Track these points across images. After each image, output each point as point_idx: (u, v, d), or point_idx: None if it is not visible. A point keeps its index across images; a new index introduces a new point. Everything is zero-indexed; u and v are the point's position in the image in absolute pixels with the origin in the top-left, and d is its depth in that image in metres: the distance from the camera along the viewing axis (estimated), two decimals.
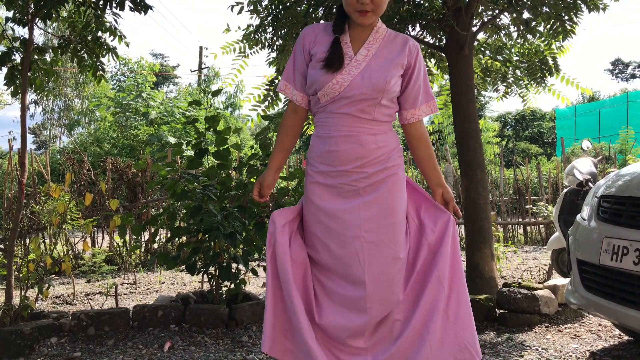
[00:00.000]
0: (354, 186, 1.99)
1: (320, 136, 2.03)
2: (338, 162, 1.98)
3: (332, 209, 2.00)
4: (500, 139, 18.95)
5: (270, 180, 2.17)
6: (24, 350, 2.96)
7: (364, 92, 1.94)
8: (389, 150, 2.02)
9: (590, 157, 5.21)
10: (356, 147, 1.96)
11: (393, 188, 2.01)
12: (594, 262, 2.53)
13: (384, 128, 2.03)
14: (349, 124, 1.97)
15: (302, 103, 2.09)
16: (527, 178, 9.58)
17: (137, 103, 15.20)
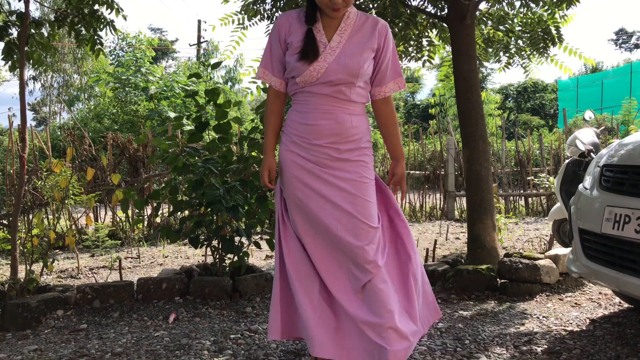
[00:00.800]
0: (326, 161, 2.10)
1: (299, 111, 2.16)
2: (314, 136, 2.10)
3: (304, 179, 2.11)
4: (502, 111, 18.86)
5: (274, 163, 2.27)
6: (31, 323, 3.00)
7: (340, 77, 2.06)
8: (361, 132, 2.15)
9: (593, 128, 5.17)
10: (332, 123, 2.09)
11: (363, 169, 2.13)
12: (596, 231, 2.53)
13: (359, 110, 2.17)
14: (327, 102, 2.10)
15: (281, 88, 2.22)
16: (529, 150, 9.57)
17: (136, 78, 15.09)
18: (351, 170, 2.10)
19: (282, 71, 2.19)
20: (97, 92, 19.50)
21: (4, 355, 2.57)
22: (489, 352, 2.53)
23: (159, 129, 4.41)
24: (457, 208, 8.81)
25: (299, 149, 2.12)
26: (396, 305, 2.06)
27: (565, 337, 2.74)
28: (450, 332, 2.82)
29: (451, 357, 2.47)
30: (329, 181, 2.09)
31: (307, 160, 2.11)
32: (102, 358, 2.50)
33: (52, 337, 2.84)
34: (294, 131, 2.15)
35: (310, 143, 2.10)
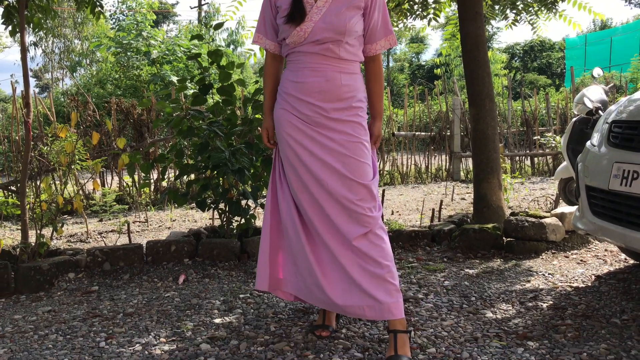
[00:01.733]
0: (317, 120, 2.11)
1: (291, 69, 2.19)
2: (304, 93, 2.12)
3: (297, 137, 2.13)
4: (508, 71, 18.61)
5: (270, 123, 2.29)
6: (43, 285, 3.05)
7: (326, 35, 2.07)
8: (353, 90, 2.13)
9: (601, 85, 5.10)
10: (322, 80, 2.10)
11: (358, 128, 2.13)
12: (603, 187, 2.53)
13: (351, 68, 2.15)
14: (316, 60, 2.12)
15: (276, 50, 2.26)
16: (535, 110, 9.48)
17: (137, 42, 14.91)
18: (342, 130, 2.10)
19: (275, 34, 2.24)
20: (99, 57, 19.32)
21: (20, 316, 2.62)
22: (495, 308, 2.57)
23: (162, 92, 4.38)
24: (462, 169, 8.79)
25: (291, 108, 2.15)
26: (392, 260, 2.07)
27: (571, 293, 2.77)
28: (456, 290, 2.85)
29: (457, 314, 2.50)
30: (319, 141, 2.10)
31: (299, 119, 2.13)
32: (115, 318, 2.55)
33: (64, 298, 2.90)
34: (286, 89, 2.18)
35: (301, 100, 2.12)
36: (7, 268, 3.03)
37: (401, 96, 22.29)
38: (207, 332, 2.33)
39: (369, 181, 2.10)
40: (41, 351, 2.18)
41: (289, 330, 2.32)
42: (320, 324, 2.28)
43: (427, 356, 2.03)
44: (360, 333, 2.27)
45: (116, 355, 2.11)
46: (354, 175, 2.08)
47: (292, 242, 2.17)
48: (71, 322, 2.51)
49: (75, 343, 2.25)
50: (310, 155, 2.11)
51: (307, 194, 2.12)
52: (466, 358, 2.00)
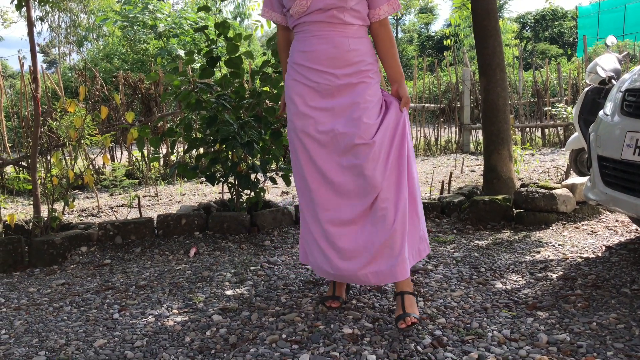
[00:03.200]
0: (328, 86, 2.11)
1: (298, 39, 2.18)
2: (313, 62, 2.12)
3: (308, 105, 2.14)
4: (519, 41, 18.30)
5: None
6: (56, 259, 3.09)
7: (328, 2, 2.06)
8: (361, 54, 2.13)
9: (615, 54, 5.00)
10: (329, 47, 2.10)
11: (365, 92, 2.12)
12: (616, 157, 2.50)
13: (358, 32, 2.14)
14: (323, 27, 2.11)
15: (283, 22, 2.28)
16: (546, 80, 9.35)
17: (144, 16, 14.78)
18: (352, 93, 2.10)
19: (281, 6, 2.24)
20: (105, 32, 19.21)
21: (34, 289, 2.66)
22: (505, 279, 2.57)
23: (169, 66, 4.35)
24: (472, 141, 8.74)
25: (302, 77, 2.15)
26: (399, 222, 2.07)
27: (581, 263, 2.76)
28: (466, 261, 2.86)
29: (467, 285, 2.51)
30: (329, 109, 2.11)
31: (310, 88, 2.13)
32: (127, 290, 2.58)
33: (77, 272, 2.93)
34: (295, 60, 2.18)
35: (311, 69, 2.12)
36: (20, 242, 3.07)
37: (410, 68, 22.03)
38: (218, 303, 2.36)
39: (370, 140, 2.07)
40: (56, 323, 2.22)
41: (300, 301, 2.34)
42: (331, 295, 2.30)
43: (436, 326, 2.04)
44: (370, 304, 2.28)
45: (130, 327, 2.14)
46: (359, 137, 2.07)
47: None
48: (85, 294, 2.55)
49: (90, 315, 2.29)
50: (317, 131, 2.12)
51: (312, 165, 2.14)
52: (476, 328, 2.01)
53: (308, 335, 1.98)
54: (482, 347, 1.85)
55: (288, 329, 2.05)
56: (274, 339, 1.96)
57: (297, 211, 3.78)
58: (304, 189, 2.20)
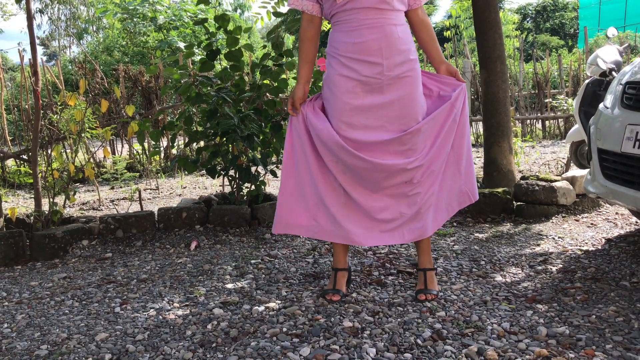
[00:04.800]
0: (379, 80, 2.08)
1: (344, 30, 2.09)
2: (365, 53, 2.05)
3: (356, 102, 2.10)
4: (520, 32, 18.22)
5: (302, 94, 2.25)
6: (58, 253, 3.11)
7: None
8: (408, 42, 2.14)
9: (615, 46, 4.99)
10: (381, 37, 2.05)
11: (414, 82, 2.14)
12: (616, 150, 2.50)
13: (402, 19, 2.14)
14: (372, 15, 2.04)
15: (313, 11, 2.18)
16: (547, 72, 9.32)
17: (143, 8, 14.71)
18: (400, 89, 2.10)
19: None
20: (105, 24, 19.16)
21: (36, 282, 2.68)
22: (505, 272, 2.58)
23: (169, 58, 4.34)
24: (472, 133, 8.73)
25: (351, 71, 2.08)
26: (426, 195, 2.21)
27: (581, 256, 2.77)
28: (465, 254, 2.87)
29: (467, 277, 2.52)
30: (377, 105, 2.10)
31: (358, 82, 2.08)
32: (129, 284, 2.59)
33: (79, 265, 2.95)
34: (343, 52, 2.09)
35: (363, 61, 2.06)
36: (22, 236, 3.08)
37: None
38: (219, 297, 2.37)
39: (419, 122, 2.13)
40: (58, 317, 2.23)
41: (300, 294, 2.35)
42: (331, 288, 2.31)
43: (436, 319, 2.05)
44: (371, 297, 2.30)
45: (131, 320, 2.15)
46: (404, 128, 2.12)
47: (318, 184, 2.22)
48: (86, 288, 2.56)
49: (91, 309, 2.30)
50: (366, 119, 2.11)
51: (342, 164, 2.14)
52: (475, 321, 2.02)
53: (308, 329, 1.99)
54: (482, 340, 1.86)
55: (289, 322, 2.06)
56: (274, 332, 1.97)
57: None
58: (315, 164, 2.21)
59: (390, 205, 2.20)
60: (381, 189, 2.18)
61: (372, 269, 2.66)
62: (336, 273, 2.35)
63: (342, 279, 2.34)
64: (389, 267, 2.68)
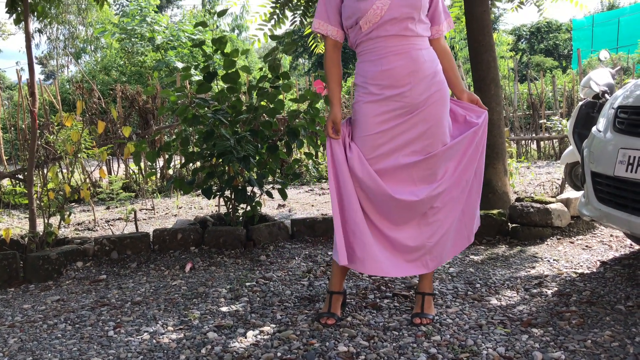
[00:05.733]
0: (407, 104, 2.12)
1: (370, 60, 2.14)
2: (393, 80, 2.10)
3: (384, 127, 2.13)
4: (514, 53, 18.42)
5: (340, 115, 2.24)
6: (52, 274, 3.09)
7: (404, 11, 2.06)
8: (435, 65, 2.20)
9: (608, 68, 5.05)
10: (408, 62, 2.10)
11: (440, 104, 2.18)
12: (609, 173, 2.52)
13: (426, 43, 2.20)
14: (397, 42, 2.10)
15: (338, 37, 2.23)
16: (542, 92, 9.41)
17: (141, 28, 14.87)
18: (428, 113, 2.14)
19: (339, 19, 2.20)
20: (103, 44, 19.29)
21: (29, 305, 2.66)
22: (500, 295, 2.58)
23: (166, 79, 4.38)
24: None
25: (381, 99, 2.12)
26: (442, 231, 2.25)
27: (576, 279, 2.77)
28: (461, 276, 2.86)
29: (462, 301, 2.51)
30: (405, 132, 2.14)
31: (388, 109, 2.12)
32: (123, 307, 2.57)
33: (73, 287, 2.93)
34: (371, 80, 2.13)
35: (391, 87, 2.10)
36: (15, 257, 3.07)
37: None
38: (213, 320, 2.35)
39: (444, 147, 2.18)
40: (50, 341, 2.21)
41: (295, 318, 2.34)
42: (326, 311, 2.30)
43: (431, 344, 2.04)
44: (366, 321, 2.29)
45: (124, 344, 2.14)
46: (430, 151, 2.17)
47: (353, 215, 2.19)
48: (80, 311, 2.54)
49: (84, 332, 2.28)
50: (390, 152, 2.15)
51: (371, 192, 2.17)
52: (470, 345, 2.02)
53: (303, 354, 1.98)
54: None
55: (283, 346, 2.05)
56: (269, 357, 1.95)
57: (293, 225, 3.78)
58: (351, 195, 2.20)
59: (414, 235, 2.23)
60: (405, 221, 2.22)
61: (368, 291, 2.66)
62: (331, 296, 2.34)
63: (337, 302, 2.33)
64: (385, 290, 2.67)
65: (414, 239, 2.22)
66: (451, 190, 2.22)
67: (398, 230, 2.22)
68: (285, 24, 4.83)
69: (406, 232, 2.22)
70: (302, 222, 3.78)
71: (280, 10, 4.69)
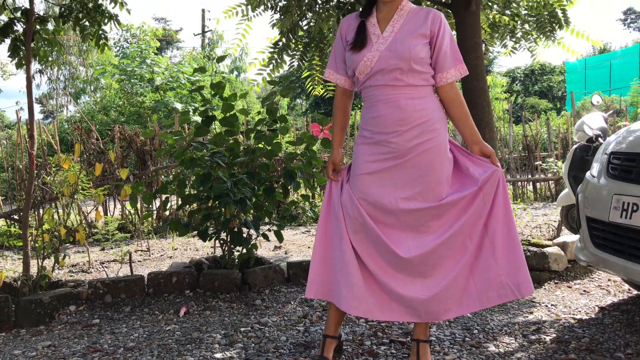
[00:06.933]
0: (395, 150, 2.15)
1: (366, 106, 2.25)
2: (381, 127, 2.17)
3: (374, 166, 2.18)
4: (509, 95, 18.71)
5: (340, 157, 2.37)
6: (44, 319, 3.04)
7: (391, 63, 2.13)
8: (428, 114, 2.16)
9: (601, 112, 5.12)
10: (396, 110, 2.14)
11: (433, 153, 2.16)
12: (604, 219, 2.53)
13: (423, 92, 2.18)
14: (388, 92, 2.17)
15: (346, 85, 2.34)
16: (537, 134, 9.50)
17: (141, 69, 15.09)
18: (418, 160, 2.14)
19: (345, 69, 2.31)
20: (103, 84, 19.55)
21: (19, 351, 2.61)
22: (498, 341, 2.55)
23: (164, 122, 4.43)
24: None
25: (371, 143, 2.20)
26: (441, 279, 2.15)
27: (574, 325, 2.75)
28: (458, 322, 2.83)
29: (460, 347, 2.48)
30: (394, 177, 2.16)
31: (379, 153, 2.17)
32: (115, 353, 2.53)
33: (65, 332, 2.88)
34: (364, 126, 2.24)
35: (380, 133, 2.17)
36: (7, 301, 3.03)
37: None
38: None
39: (437, 202, 2.14)
40: None
41: None
42: (319, 355, 2.27)
43: None
44: None
45: None
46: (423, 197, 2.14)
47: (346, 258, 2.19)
48: (71, 357, 2.49)
49: None
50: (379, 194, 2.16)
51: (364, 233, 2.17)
52: None
53: None
54: None
55: None
56: None
57: (289, 268, 3.76)
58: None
59: (407, 283, 2.15)
60: (398, 269, 2.16)
61: (364, 338, 2.62)
62: (325, 340, 2.31)
63: (330, 346, 2.29)
64: (381, 336, 2.64)
65: (408, 288, 2.14)
66: (448, 248, 2.13)
67: (393, 277, 2.16)
68: (283, 68, 4.91)
69: (400, 280, 2.16)
70: (299, 265, 3.75)
71: (279, 55, 4.78)
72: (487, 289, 2.13)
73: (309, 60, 5.08)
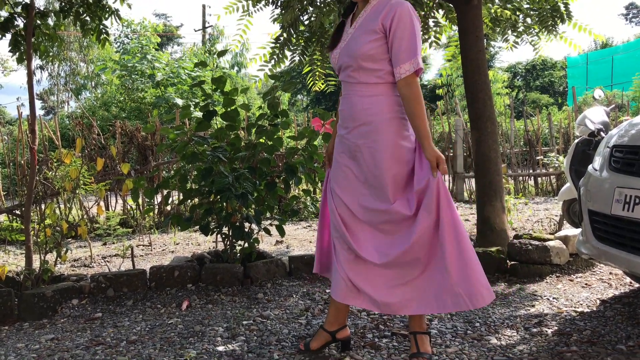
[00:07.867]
0: (348, 148, 2.23)
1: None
2: (340, 122, 2.29)
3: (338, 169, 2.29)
4: (510, 90, 18.67)
5: (332, 148, 2.46)
6: (47, 312, 3.05)
7: (345, 60, 2.19)
8: (373, 114, 2.14)
9: (603, 106, 5.12)
10: (347, 107, 2.23)
11: (378, 154, 2.14)
12: (606, 212, 2.53)
13: (375, 91, 2.16)
14: (346, 88, 2.25)
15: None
16: (538, 129, 9.49)
17: (142, 65, 15.08)
18: (366, 156, 2.17)
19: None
20: (104, 80, 19.54)
21: (22, 344, 2.62)
22: (500, 334, 2.55)
23: (165, 117, 4.42)
24: (466, 189, 8.79)
25: (338, 138, 2.31)
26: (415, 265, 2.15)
27: (576, 318, 2.75)
28: (460, 315, 2.84)
29: (462, 340, 2.49)
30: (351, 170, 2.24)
31: (341, 146, 2.27)
32: (118, 346, 2.54)
33: (68, 326, 2.89)
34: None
35: (340, 128, 2.29)
36: (10, 295, 3.03)
37: None
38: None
39: (388, 205, 2.14)
40: None
41: (292, 357, 2.31)
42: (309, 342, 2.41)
43: None
44: None
45: None
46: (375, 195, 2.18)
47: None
48: (74, 350, 2.50)
49: None
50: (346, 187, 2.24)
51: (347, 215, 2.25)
52: None
53: None
54: None
55: None
56: None
57: (291, 262, 3.77)
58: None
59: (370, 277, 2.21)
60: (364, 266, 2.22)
61: (366, 330, 2.63)
62: (319, 330, 2.40)
63: (320, 338, 2.37)
64: (383, 329, 2.65)
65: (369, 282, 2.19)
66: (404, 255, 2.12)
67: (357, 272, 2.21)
68: (285, 63, 4.91)
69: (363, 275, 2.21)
70: (300, 259, 3.76)
71: (280, 50, 4.77)
72: (444, 294, 2.08)
73: (310, 55, 5.08)
